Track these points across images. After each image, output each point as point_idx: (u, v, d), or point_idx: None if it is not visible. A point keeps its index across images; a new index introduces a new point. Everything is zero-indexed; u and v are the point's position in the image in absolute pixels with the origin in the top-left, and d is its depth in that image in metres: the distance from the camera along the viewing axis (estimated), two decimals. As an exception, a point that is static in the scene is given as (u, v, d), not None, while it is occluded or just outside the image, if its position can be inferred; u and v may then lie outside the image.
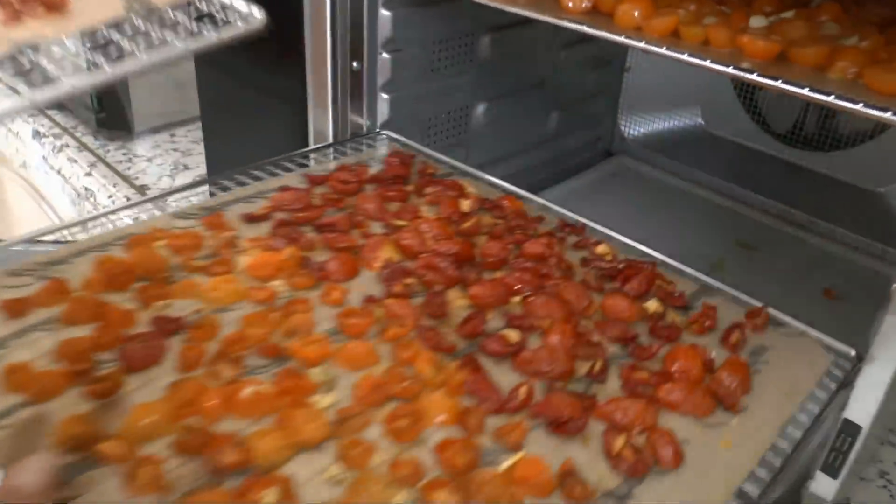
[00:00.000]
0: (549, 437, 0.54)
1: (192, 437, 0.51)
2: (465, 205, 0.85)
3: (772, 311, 0.69)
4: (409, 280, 0.71)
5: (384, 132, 0.98)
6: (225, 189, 0.84)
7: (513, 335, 0.64)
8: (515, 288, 0.70)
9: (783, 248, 1.08)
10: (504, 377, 0.61)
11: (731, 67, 0.58)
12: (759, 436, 0.54)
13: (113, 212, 0.77)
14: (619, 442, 0.52)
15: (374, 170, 0.90)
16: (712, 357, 0.61)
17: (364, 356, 0.61)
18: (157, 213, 0.76)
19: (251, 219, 0.80)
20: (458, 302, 0.69)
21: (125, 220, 0.74)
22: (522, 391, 0.58)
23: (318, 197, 0.84)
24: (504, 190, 0.91)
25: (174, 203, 0.79)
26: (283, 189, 0.85)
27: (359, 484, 0.50)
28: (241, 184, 0.83)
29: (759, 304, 0.70)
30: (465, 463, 0.52)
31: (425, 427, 0.56)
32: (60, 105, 1.39)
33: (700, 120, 1.28)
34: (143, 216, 0.76)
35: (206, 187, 0.85)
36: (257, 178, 0.86)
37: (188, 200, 0.79)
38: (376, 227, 0.80)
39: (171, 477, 0.48)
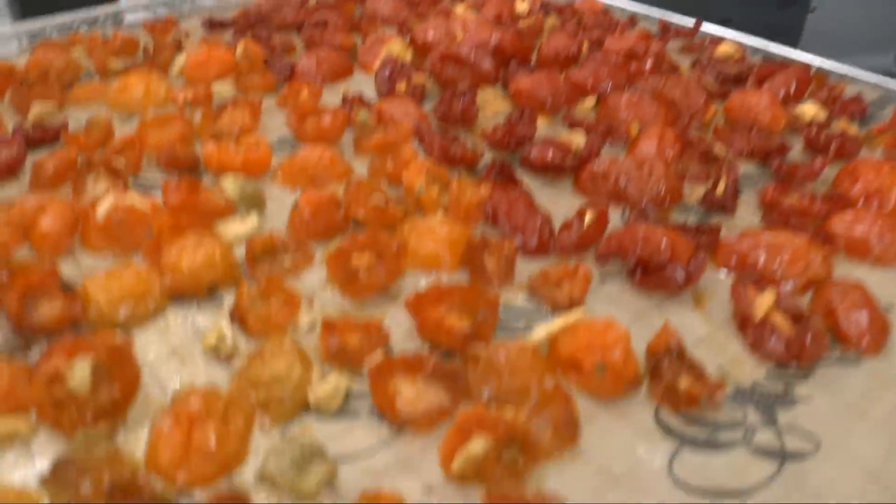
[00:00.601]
0: (631, 294, 0.31)
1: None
2: (522, 6, 0.58)
3: None
4: (419, 78, 0.45)
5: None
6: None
7: (577, 138, 0.38)
8: (587, 85, 0.44)
9: None
10: (558, 202, 0.35)
11: None
12: None
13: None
14: (763, 302, 0.29)
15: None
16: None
17: (322, 166, 0.37)
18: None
19: (214, 25, 0.56)
20: (493, 105, 0.43)
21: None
22: (589, 215, 0.32)
23: (315, 3, 0.60)
24: None
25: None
26: (269, -7, 0.61)
27: (256, 365, 0.26)
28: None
29: None
30: (463, 329, 0.27)
31: (403, 270, 0.30)
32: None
33: (893, 67, 1.21)
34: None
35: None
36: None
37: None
38: (388, 33, 0.55)
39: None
